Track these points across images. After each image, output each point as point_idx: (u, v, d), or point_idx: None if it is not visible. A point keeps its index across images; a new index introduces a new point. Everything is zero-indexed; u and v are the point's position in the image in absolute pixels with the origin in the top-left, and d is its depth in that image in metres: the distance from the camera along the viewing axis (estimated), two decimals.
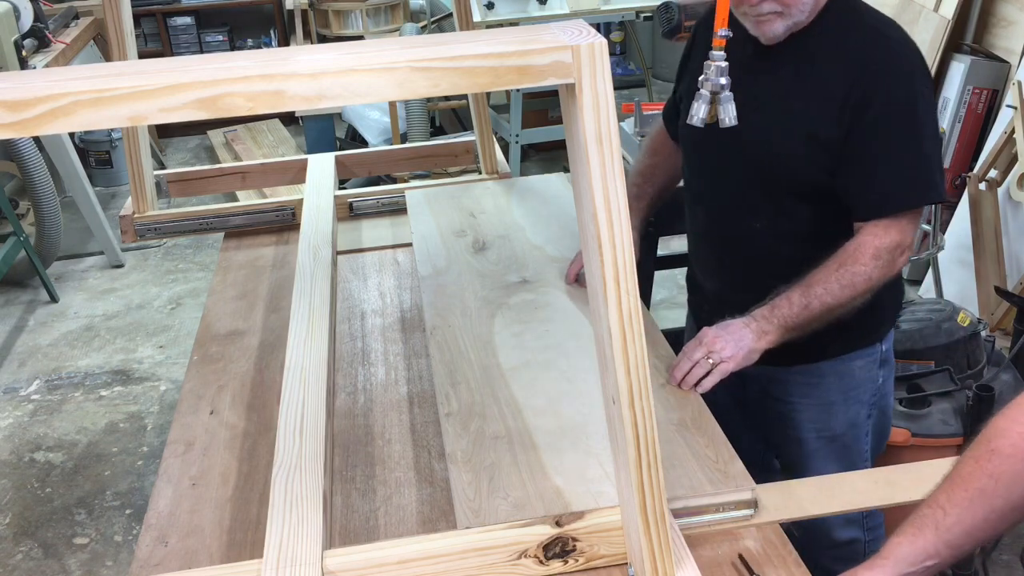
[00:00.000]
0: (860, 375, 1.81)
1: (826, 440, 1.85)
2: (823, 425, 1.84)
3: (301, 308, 1.79)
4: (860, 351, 1.80)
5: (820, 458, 1.86)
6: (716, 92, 1.56)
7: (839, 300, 1.59)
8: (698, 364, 1.59)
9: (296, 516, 1.27)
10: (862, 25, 1.64)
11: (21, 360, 3.91)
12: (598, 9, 4.86)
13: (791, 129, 1.65)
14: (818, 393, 1.82)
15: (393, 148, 2.90)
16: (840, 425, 1.84)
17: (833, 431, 1.84)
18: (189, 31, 6.51)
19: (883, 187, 1.60)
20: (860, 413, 1.84)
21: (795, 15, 1.60)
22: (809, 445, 1.86)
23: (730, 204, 1.79)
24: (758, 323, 1.61)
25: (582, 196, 1.03)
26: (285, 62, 0.92)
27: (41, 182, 4.32)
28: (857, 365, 1.81)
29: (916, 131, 1.60)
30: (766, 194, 1.72)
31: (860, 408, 1.84)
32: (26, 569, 2.77)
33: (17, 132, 0.86)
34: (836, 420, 1.83)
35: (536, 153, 5.63)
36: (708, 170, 1.83)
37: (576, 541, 1.24)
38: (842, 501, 1.41)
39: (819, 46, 1.63)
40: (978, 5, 3.89)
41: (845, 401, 1.82)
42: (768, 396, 1.88)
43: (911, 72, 1.61)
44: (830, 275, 1.59)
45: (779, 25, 1.60)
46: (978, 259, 3.44)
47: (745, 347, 1.59)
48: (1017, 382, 2.45)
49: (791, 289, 1.61)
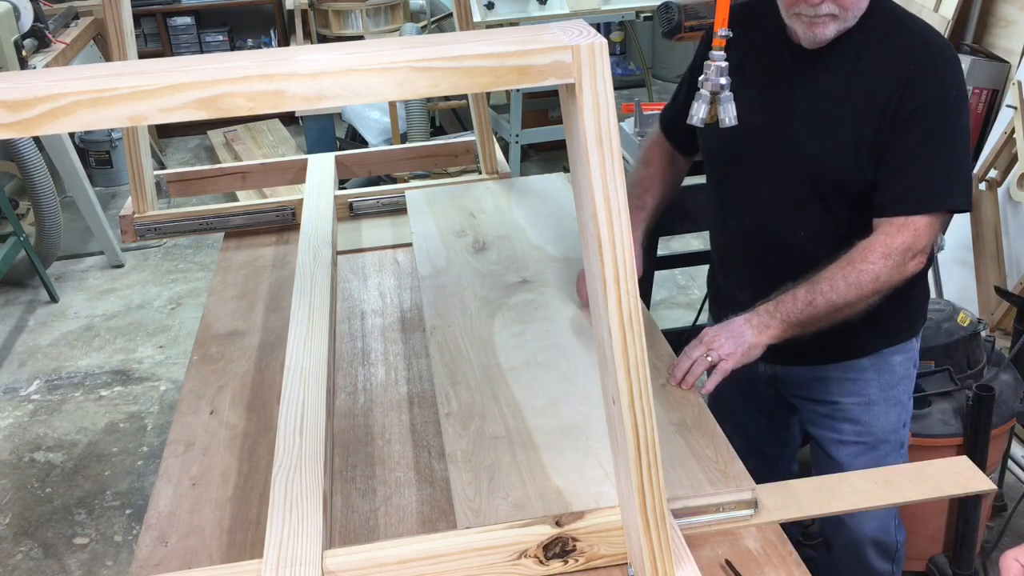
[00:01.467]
0: (900, 372, 1.78)
1: (869, 446, 1.80)
2: (863, 428, 1.79)
3: (301, 308, 1.79)
4: (899, 346, 1.76)
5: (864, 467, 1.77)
6: (716, 92, 1.56)
7: (845, 298, 1.57)
8: (696, 362, 1.58)
9: (296, 516, 1.27)
10: (905, 29, 1.62)
11: (21, 360, 3.91)
12: (598, 9, 4.86)
13: (839, 135, 1.62)
14: (859, 390, 1.78)
15: (393, 148, 2.90)
16: (881, 429, 1.79)
17: (875, 436, 1.80)
18: (189, 31, 6.51)
19: (902, 186, 1.58)
20: (901, 416, 1.79)
21: (849, 19, 1.59)
22: (850, 449, 1.81)
23: (770, 212, 1.74)
24: (760, 318, 1.60)
25: (582, 196, 1.03)
26: (285, 62, 0.92)
27: (41, 182, 4.32)
28: (897, 360, 1.77)
29: (946, 137, 1.57)
30: (813, 201, 1.68)
31: (900, 411, 1.79)
32: (26, 569, 2.77)
33: (17, 132, 0.86)
34: (877, 423, 1.79)
35: (536, 153, 5.63)
36: (743, 178, 1.78)
37: (576, 541, 1.24)
38: (842, 501, 1.41)
39: (863, 51, 1.61)
40: (978, 5, 3.89)
41: (886, 401, 1.78)
42: (809, 400, 1.84)
43: (950, 79, 1.59)
44: (837, 272, 1.58)
45: (832, 28, 1.59)
46: (978, 259, 3.44)
47: (745, 343, 1.58)
48: (1017, 382, 2.45)
49: (798, 285, 1.60)
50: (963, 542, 2.20)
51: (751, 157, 1.73)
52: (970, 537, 2.17)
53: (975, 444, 2.25)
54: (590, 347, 1.68)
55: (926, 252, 1.61)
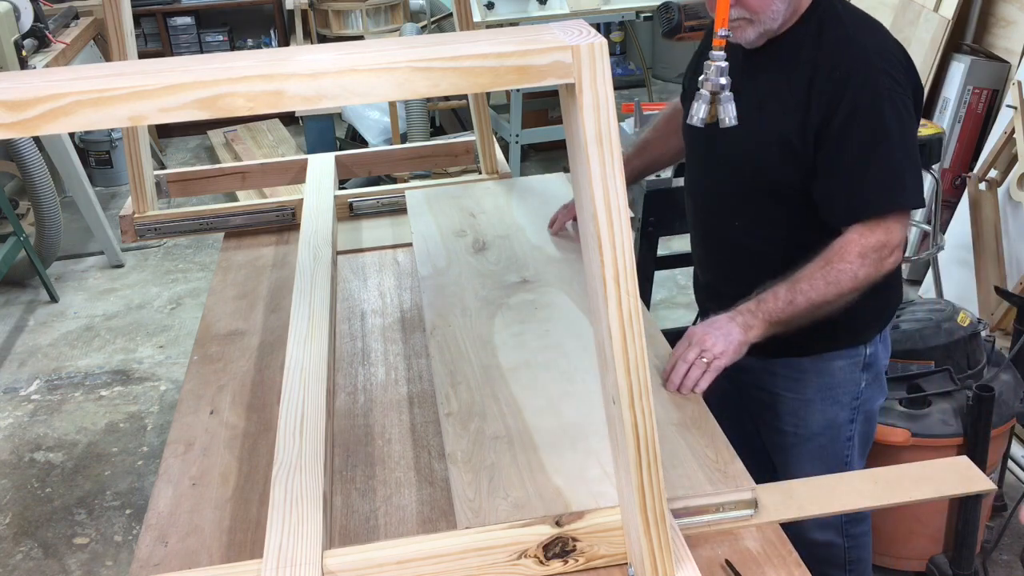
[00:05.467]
0: (840, 376, 1.82)
1: (803, 438, 1.86)
2: (800, 421, 1.85)
3: (301, 308, 1.79)
4: (842, 351, 1.80)
5: (797, 456, 1.88)
6: (716, 92, 1.56)
7: (824, 297, 1.59)
8: (694, 365, 1.59)
9: (296, 516, 1.27)
10: (835, 34, 1.63)
11: (21, 360, 3.91)
12: (598, 9, 4.86)
13: (764, 134, 1.67)
14: (798, 388, 1.83)
15: (393, 148, 2.90)
16: (817, 424, 1.84)
17: (810, 429, 1.85)
18: (189, 31, 6.51)
19: (851, 195, 1.61)
20: (839, 415, 1.84)
21: (766, 22, 1.61)
22: (787, 440, 1.88)
23: (714, 201, 1.83)
24: (743, 317, 1.62)
25: (582, 196, 1.03)
26: (285, 62, 0.92)
27: (41, 182, 4.32)
28: (838, 365, 1.81)
29: (882, 137, 1.59)
30: (743, 195, 1.75)
31: (839, 410, 1.84)
32: (26, 569, 2.77)
33: (17, 132, 0.86)
34: (813, 418, 1.84)
35: (536, 153, 5.63)
36: (697, 166, 1.88)
37: (576, 541, 1.24)
38: (842, 501, 1.41)
39: (793, 54, 1.64)
40: (978, 5, 3.89)
41: (823, 400, 1.83)
42: (756, 387, 1.90)
43: (876, 78, 1.58)
44: (816, 272, 1.60)
45: (750, 32, 1.62)
46: (978, 259, 3.44)
47: (735, 341, 1.60)
48: (1017, 382, 2.45)
49: (778, 284, 1.62)
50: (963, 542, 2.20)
51: (702, 147, 1.82)
52: (970, 537, 2.17)
53: (975, 444, 2.25)
54: (590, 347, 1.68)
55: (901, 247, 1.64)
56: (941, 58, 3.89)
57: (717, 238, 1.87)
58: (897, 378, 2.38)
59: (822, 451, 1.86)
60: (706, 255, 1.93)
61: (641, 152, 2.13)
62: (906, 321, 2.45)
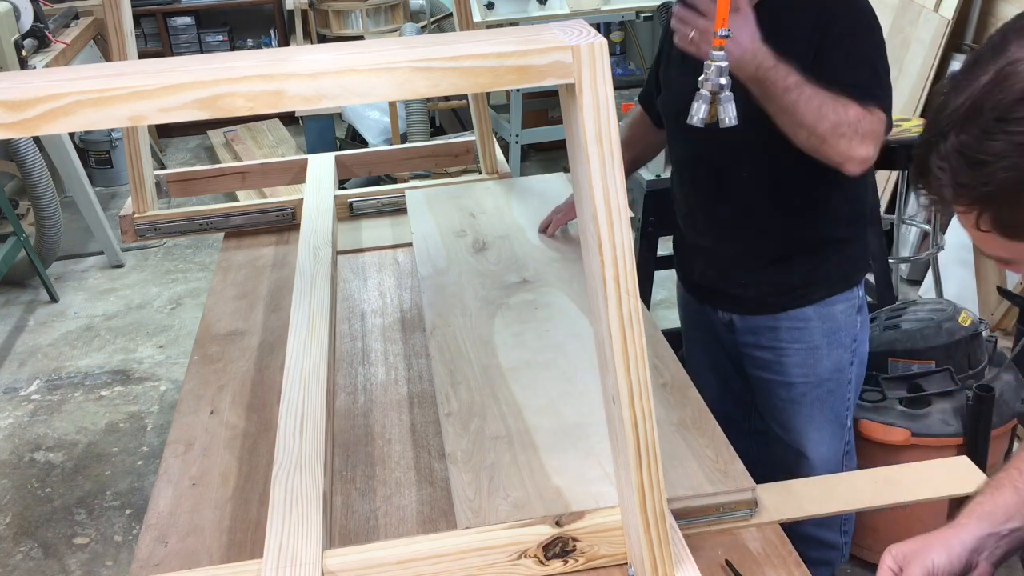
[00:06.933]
0: (841, 319, 1.92)
1: (812, 385, 1.95)
2: (809, 370, 1.94)
3: (301, 308, 1.79)
4: (840, 295, 1.91)
5: (806, 404, 1.97)
6: (716, 92, 1.55)
7: (804, 112, 1.59)
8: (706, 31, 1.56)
9: (296, 516, 1.27)
10: None
11: (21, 360, 3.91)
12: (598, 9, 4.86)
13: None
14: (806, 337, 1.92)
15: (393, 148, 2.90)
16: (825, 369, 1.94)
17: (819, 376, 1.94)
18: (189, 31, 6.51)
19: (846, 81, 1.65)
20: (843, 358, 1.95)
21: None
22: (796, 390, 1.96)
23: (726, 156, 1.85)
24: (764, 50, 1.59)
25: (582, 196, 1.03)
26: (285, 62, 0.92)
27: (41, 182, 4.32)
28: (839, 309, 1.92)
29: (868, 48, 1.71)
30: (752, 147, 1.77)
31: (843, 352, 1.94)
32: (26, 569, 2.77)
33: (17, 132, 0.86)
34: (821, 364, 1.94)
35: (536, 153, 5.63)
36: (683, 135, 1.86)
37: (576, 541, 1.24)
38: (842, 501, 1.42)
39: (778, 7, 1.69)
40: (978, 5, 3.89)
41: (829, 345, 1.93)
42: (759, 348, 1.97)
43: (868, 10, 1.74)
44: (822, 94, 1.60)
45: None
46: (978, 259, 3.44)
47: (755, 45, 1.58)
48: (1018, 383, 2.45)
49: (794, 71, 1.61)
50: None
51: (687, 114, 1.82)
52: None
53: (975, 444, 2.25)
54: (590, 347, 1.68)
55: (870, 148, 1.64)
56: (941, 58, 3.89)
57: (722, 197, 1.89)
58: (897, 378, 2.38)
59: (830, 395, 1.96)
60: (707, 218, 1.96)
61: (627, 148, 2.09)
62: (907, 321, 2.45)
